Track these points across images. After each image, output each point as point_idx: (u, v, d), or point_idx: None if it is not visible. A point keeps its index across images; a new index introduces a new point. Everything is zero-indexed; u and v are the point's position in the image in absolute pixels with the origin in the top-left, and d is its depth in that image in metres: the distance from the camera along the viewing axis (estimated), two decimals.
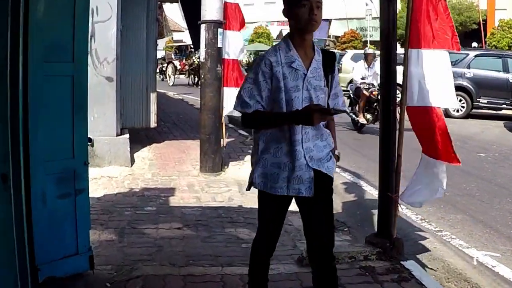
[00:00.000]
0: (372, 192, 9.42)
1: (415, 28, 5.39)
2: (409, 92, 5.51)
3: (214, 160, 10.25)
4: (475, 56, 20.45)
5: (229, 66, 10.69)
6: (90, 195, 8.27)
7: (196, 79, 36.80)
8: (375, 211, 8.19)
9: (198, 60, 40.81)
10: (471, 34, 38.85)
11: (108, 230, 7.00)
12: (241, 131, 15.17)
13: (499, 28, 33.90)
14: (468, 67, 20.07)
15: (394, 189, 5.85)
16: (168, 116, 18.13)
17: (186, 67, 40.54)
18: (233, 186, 9.54)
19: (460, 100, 20.07)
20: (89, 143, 9.80)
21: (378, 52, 28.65)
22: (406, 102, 5.58)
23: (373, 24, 47.30)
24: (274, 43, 53.40)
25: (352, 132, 16.60)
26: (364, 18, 46.05)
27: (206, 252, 6.35)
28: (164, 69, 42.77)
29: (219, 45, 10.11)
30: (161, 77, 41.90)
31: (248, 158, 11.49)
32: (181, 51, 60.98)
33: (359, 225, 7.92)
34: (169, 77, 39.68)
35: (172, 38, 61.60)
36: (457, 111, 20.17)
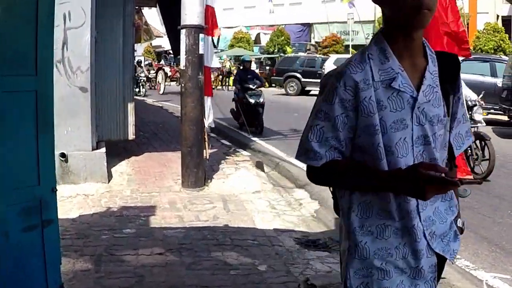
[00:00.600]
0: None
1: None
2: None
3: (197, 175, 9.64)
4: (462, 60, 19.89)
5: (207, 74, 10.06)
6: (64, 216, 7.77)
7: None
8: None
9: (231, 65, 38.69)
10: None
11: (83, 257, 6.36)
12: (224, 141, 14.56)
13: (484, 31, 33.65)
14: None
15: None
16: (147, 125, 17.46)
17: (178, 73, 37.39)
18: (218, 202, 8.94)
19: None
20: (63, 159, 9.24)
21: None
22: None
23: (355, 28, 46.95)
24: (255, 48, 53.13)
25: None
26: (346, 22, 45.60)
27: (192, 281, 5.75)
28: (149, 76, 40.53)
29: (201, 51, 9.50)
30: (147, 84, 39.82)
31: (232, 171, 10.89)
32: (160, 56, 60.41)
33: None
34: (160, 84, 37.02)
35: (151, 43, 61.02)
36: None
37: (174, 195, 9.34)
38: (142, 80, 32.86)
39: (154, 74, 39.75)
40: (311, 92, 34.00)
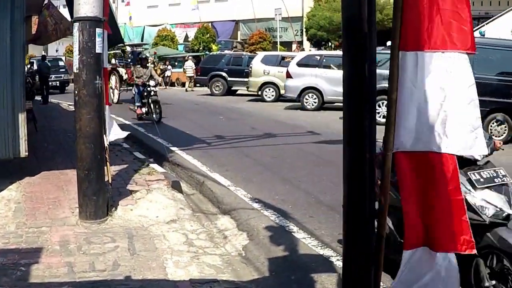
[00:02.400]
0: (307, 242, 7.14)
1: (412, 17, 3.00)
2: (400, 126, 3.10)
3: (97, 203, 7.77)
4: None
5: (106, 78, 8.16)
6: None
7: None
8: (316, 276, 5.99)
9: (155, 65, 29.88)
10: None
11: None
12: (137, 153, 12.60)
13: None
14: None
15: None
16: (56, 134, 15.44)
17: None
18: (122, 239, 7.10)
19: None
20: None
21: (289, 53, 26.29)
22: (393, 144, 3.17)
23: (282, 25, 45.53)
24: (179, 46, 51.53)
25: (267, 147, 14.22)
26: (274, 18, 44.07)
27: None
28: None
29: (98, 50, 7.63)
30: None
31: (142, 194, 9.03)
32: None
33: None
34: (112, 91, 28.14)
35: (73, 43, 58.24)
36: None
37: (69, 230, 7.46)
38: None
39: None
40: (238, 92, 32.28)
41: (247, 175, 10.50)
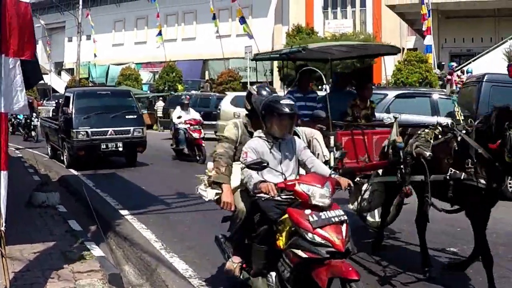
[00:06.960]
0: None
1: None
2: None
3: None
4: (396, 96, 16.03)
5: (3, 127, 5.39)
6: None
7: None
8: None
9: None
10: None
11: None
12: (73, 223, 9.53)
13: (406, 62, 29.62)
14: (388, 111, 15.59)
15: None
16: None
17: None
18: None
19: None
20: None
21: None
22: None
23: (253, 64, 43.21)
24: (144, 87, 49.41)
25: None
26: (244, 57, 41.68)
27: None
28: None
29: None
30: None
31: None
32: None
33: None
34: None
35: None
36: None
37: None
38: None
39: None
40: (206, 136, 29.44)
41: (215, 255, 7.56)
